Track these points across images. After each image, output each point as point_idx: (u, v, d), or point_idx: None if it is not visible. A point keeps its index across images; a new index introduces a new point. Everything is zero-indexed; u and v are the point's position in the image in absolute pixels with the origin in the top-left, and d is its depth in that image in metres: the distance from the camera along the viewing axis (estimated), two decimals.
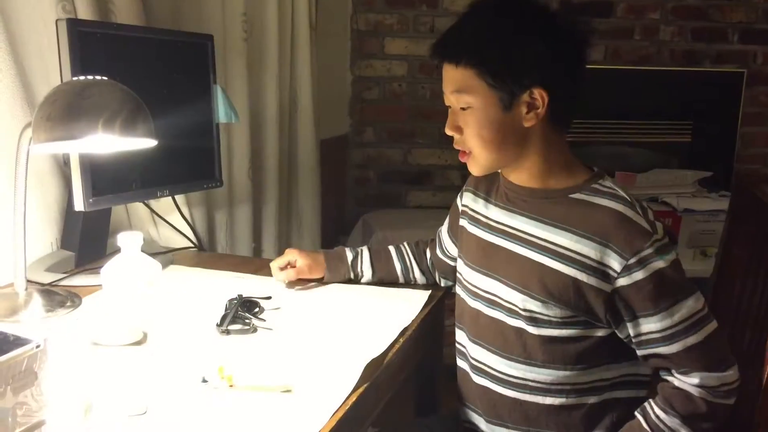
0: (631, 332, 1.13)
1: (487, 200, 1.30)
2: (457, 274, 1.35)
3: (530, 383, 1.19)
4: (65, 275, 1.48)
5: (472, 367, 1.28)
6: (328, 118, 2.87)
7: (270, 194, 2.26)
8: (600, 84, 3.10)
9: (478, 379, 1.27)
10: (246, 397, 1.02)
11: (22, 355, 0.72)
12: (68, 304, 1.33)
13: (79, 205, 1.37)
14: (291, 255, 1.48)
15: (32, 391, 0.75)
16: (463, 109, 1.16)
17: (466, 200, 1.36)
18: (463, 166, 1.24)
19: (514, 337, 1.20)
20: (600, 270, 1.11)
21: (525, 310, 1.17)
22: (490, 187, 1.30)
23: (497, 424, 1.24)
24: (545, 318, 1.15)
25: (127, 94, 1.05)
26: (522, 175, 1.21)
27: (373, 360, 1.13)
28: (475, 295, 1.28)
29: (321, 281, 1.51)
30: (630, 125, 3.28)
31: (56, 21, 1.31)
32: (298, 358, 1.16)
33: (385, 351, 1.20)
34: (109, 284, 1.07)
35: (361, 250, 1.51)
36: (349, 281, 1.50)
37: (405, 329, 1.30)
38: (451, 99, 1.18)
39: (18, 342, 0.72)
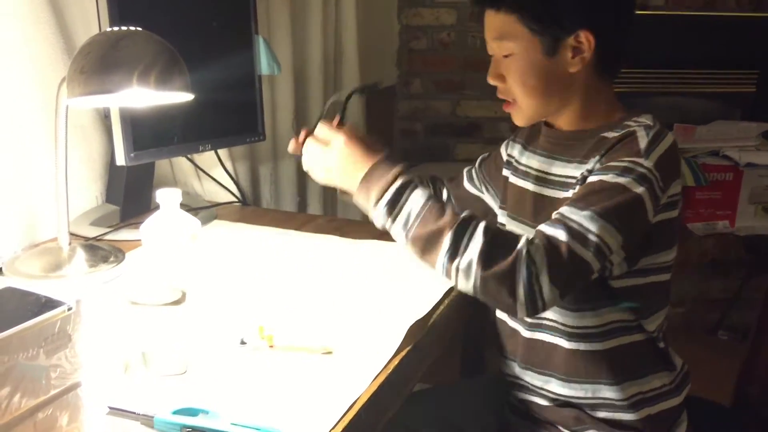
0: None
1: (532, 150, 1.26)
2: (500, 227, 1.30)
3: (560, 326, 1.17)
4: (110, 230, 1.48)
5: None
6: (375, 69, 2.80)
7: None
8: (659, 31, 2.94)
9: (514, 325, 1.26)
10: (286, 358, 1.00)
11: (53, 318, 0.70)
12: (111, 259, 1.32)
13: (120, 159, 1.35)
14: None
15: (66, 353, 0.73)
16: (505, 56, 1.12)
17: (513, 151, 1.31)
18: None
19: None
20: None
21: None
22: (531, 136, 1.27)
23: (535, 371, 1.22)
24: None
25: (162, 45, 1.02)
26: (562, 119, 1.19)
27: (416, 322, 1.10)
28: None
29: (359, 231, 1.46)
30: (690, 75, 3.12)
31: None
32: (340, 318, 1.13)
33: (429, 312, 1.16)
34: (147, 242, 1.05)
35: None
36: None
37: (451, 289, 1.26)
38: (493, 46, 1.14)
39: (50, 304, 0.71)
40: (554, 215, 1.03)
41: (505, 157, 1.33)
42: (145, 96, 1.01)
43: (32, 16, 1.31)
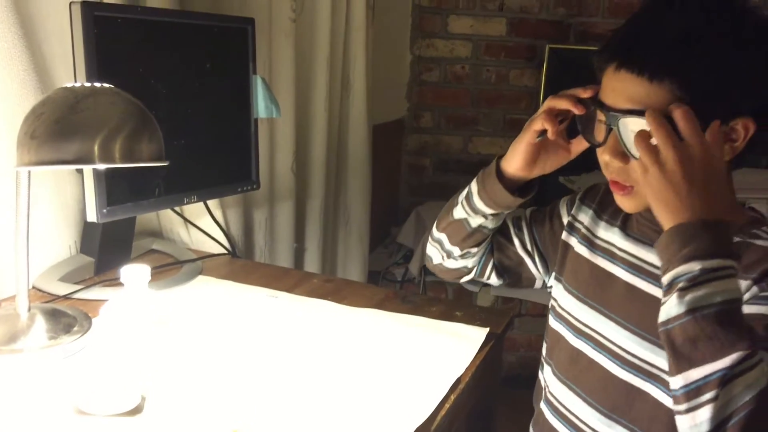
0: None
1: (609, 224, 1.08)
2: (552, 301, 1.14)
3: None
4: (80, 287, 1.33)
5: (553, 409, 1.10)
6: (383, 102, 2.67)
7: (315, 188, 2.08)
8: None
9: (556, 425, 1.09)
10: None
11: None
12: (75, 328, 1.17)
13: (91, 216, 1.21)
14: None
15: None
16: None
17: (583, 216, 1.13)
18: None
19: (622, 394, 0.99)
20: None
21: (645, 362, 0.96)
22: (617, 209, 1.05)
23: None
24: None
25: (131, 106, 0.87)
26: None
27: (418, 429, 0.95)
28: (579, 332, 1.07)
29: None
30: None
31: (69, 4, 1.13)
32: (327, 417, 0.97)
33: (432, 413, 1.00)
34: (104, 335, 0.90)
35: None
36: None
37: (458, 381, 1.11)
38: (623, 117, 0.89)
39: None
40: None
41: (565, 219, 1.15)
42: (107, 166, 0.86)
43: (2, 53, 1.17)
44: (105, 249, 1.41)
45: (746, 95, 0.87)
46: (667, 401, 0.93)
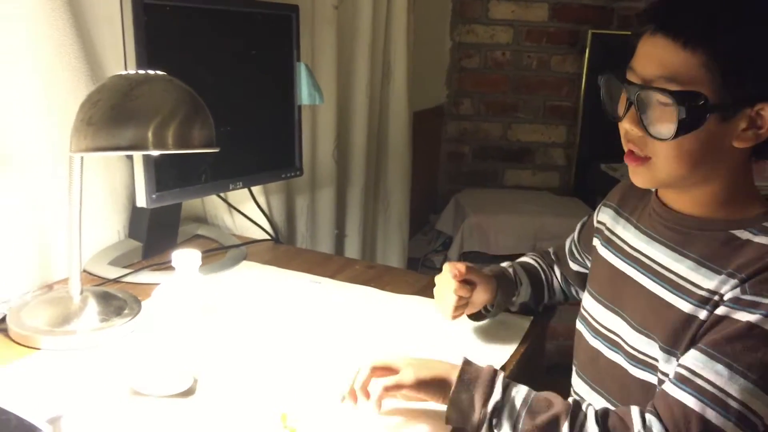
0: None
1: (628, 221, 1.07)
2: (581, 303, 1.14)
3: None
4: (129, 271, 1.36)
5: None
6: (423, 88, 2.66)
7: (356, 175, 2.08)
8: None
9: None
10: None
11: None
12: (126, 311, 1.19)
13: (141, 201, 1.23)
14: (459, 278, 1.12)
15: None
16: (662, 103, 0.86)
17: (604, 217, 1.13)
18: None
19: (640, 393, 0.98)
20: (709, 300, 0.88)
21: (655, 359, 0.95)
22: (637, 204, 1.07)
23: None
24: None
25: (184, 94, 0.88)
26: (684, 199, 0.96)
27: None
28: (596, 332, 1.06)
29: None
30: None
31: None
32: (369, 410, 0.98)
33: None
34: (156, 318, 0.92)
35: (513, 265, 1.27)
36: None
37: (502, 368, 1.11)
38: (647, 82, 0.88)
39: (22, 428, 0.58)
40: (679, 368, 0.86)
41: (595, 224, 1.15)
42: (160, 153, 0.88)
43: (53, 41, 1.20)
44: (152, 234, 1.44)
45: None
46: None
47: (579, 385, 1.11)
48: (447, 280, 1.12)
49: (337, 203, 1.99)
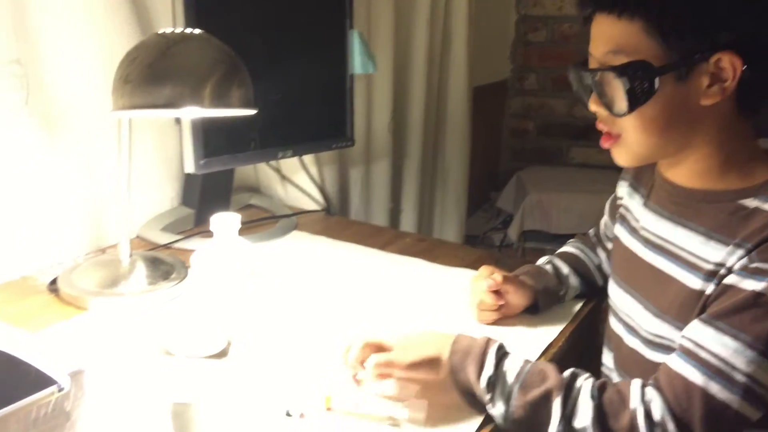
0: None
1: (642, 196, 1.02)
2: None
3: None
4: (180, 237, 1.37)
5: None
6: (485, 62, 2.59)
7: (413, 148, 2.05)
8: None
9: None
10: (345, 428, 0.84)
11: (43, 399, 0.57)
12: (173, 276, 1.20)
13: (189, 167, 1.24)
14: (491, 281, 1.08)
15: None
16: (613, 79, 0.86)
17: (622, 191, 1.09)
18: None
19: None
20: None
21: (670, 340, 0.90)
22: (649, 180, 1.02)
23: None
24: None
25: (222, 52, 0.87)
26: (681, 171, 0.92)
27: None
28: (617, 317, 1.02)
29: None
30: None
31: None
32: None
33: None
34: (195, 279, 0.92)
35: (552, 259, 1.22)
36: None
37: (549, 346, 1.06)
38: (600, 62, 0.88)
39: (41, 381, 0.58)
40: (683, 340, 0.82)
41: (617, 200, 1.11)
42: (197, 112, 0.87)
43: (109, 11, 1.20)
44: (204, 201, 1.45)
45: (721, 27, 0.81)
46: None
47: (611, 374, 1.06)
48: (479, 286, 1.09)
49: (392, 176, 1.96)
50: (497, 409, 0.84)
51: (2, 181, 1.16)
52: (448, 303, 1.18)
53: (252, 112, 0.94)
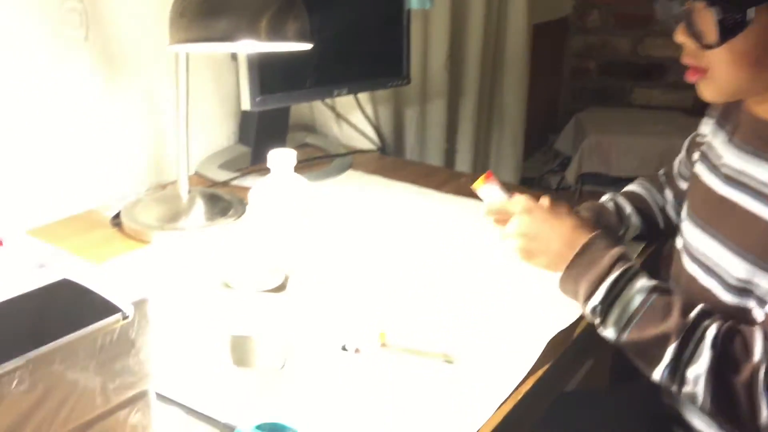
0: None
1: (727, 134, 0.97)
2: (681, 224, 1.05)
3: None
4: (237, 174, 1.39)
5: None
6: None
7: (469, 87, 2.00)
8: None
9: None
10: (399, 366, 0.85)
11: (109, 327, 0.59)
12: (231, 212, 1.22)
13: (245, 104, 1.24)
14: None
15: (129, 362, 0.62)
16: (703, 9, 0.82)
17: (705, 129, 1.04)
18: None
19: (734, 317, 0.90)
20: None
21: (747, 282, 0.86)
22: (737, 117, 0.96)
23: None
24: None
25: None
26: (763, 106, 0.88)
27: (558, 334, 0.91)
28: (692, 257, 0.98)
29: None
30: None
31: None
32: (468, 317, 0.96)
33: (574, 322, 0.96)
34: (252, 214, 0.93)
35: (615, 197, 1.18)
36: None
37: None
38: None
39: (106, 308, 0.59)
40: None
41: (698, 138, 1.06)
42: (253, 46, 0.86)
43: None
44: (261, 139, 1.45)
45: None
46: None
47: None
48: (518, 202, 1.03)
49: (448, 116, 1.93)
50: (607, 332, 0.84)
51: (65, 118, 1.18)
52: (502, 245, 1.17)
53: (308, 46, 0.93)
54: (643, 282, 0.84)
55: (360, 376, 0.80)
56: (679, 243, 1.05)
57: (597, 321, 0.85)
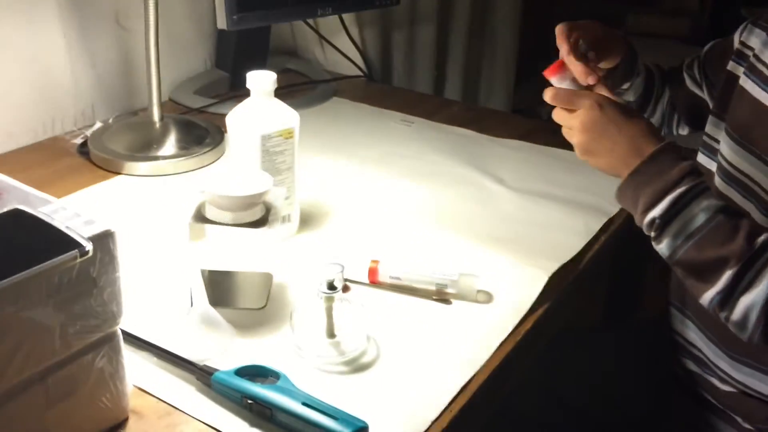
0: None
1: None
2: (705, 137, 0.97)
3: None
4: (214, 101, 1.30)
5: None
6: None
7: (460, 9, 1.89)
8: None
9: None
10: (393, 305, 0.80)
11: (65, 263, 0.52)
12: (207, 140, 1.14)
13: (221, 22, 1.15)
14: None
15: (90, 303, 0.56)
16: None
17: (753, 40, 0.92)
18: None
19: None
20: None
21: None
22: None
23: (724, 351, 0.92)
24: None
25: None
26: None
27: (560, 269, 0.85)
28: (730, 177, 0.91)
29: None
30: None
31: None
32: (464, 252, 0.90)
33: (577, 254, 0.91)
34: (230, 142, 0.85)
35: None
36: None
37: (609, 221, 0.99)
38: None
39: (65, 242, 0.52)
40: None
41: (736, 45, 0.96)
42: None
43: None
44: (239, 64, 1.36)
45: None
46: None
47: None
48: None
49: (437, 40, 1.83)
50: (661, 247, 0.76)
51: (27, 35, 1.08)
52: (500, 176, 1.10)
53: None
54: (710, 201, 0.75)
55: (349, 315, 0.74)
56: (710, 164, 0.97)
57: (653, 234, 0.76)
